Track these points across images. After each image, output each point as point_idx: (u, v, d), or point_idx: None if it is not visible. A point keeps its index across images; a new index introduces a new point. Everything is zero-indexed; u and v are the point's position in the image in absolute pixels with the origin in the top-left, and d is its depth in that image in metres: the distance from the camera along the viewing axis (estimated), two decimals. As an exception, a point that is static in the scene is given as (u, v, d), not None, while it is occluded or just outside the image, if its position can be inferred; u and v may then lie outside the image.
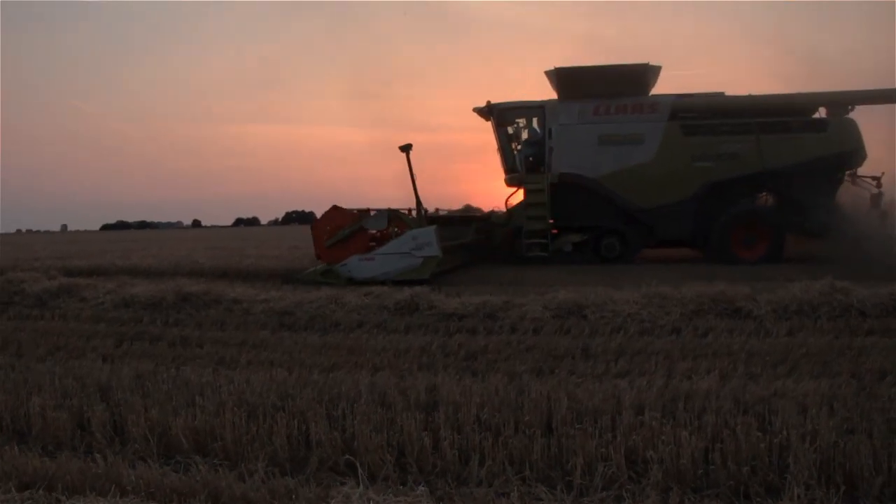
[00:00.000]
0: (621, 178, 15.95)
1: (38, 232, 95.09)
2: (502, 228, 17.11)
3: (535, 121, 16.98)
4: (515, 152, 17.01)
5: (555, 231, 16.62)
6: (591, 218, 16.33)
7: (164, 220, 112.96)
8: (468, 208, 19.77)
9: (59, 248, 26.39)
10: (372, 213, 13.37)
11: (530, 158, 16.72)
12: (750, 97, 16.26)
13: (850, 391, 4.93)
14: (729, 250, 15.51)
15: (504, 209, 17.47)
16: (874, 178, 15.61)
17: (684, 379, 5.37)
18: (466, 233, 16.82)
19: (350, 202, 20.15)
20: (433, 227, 13.00)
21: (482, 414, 4.40)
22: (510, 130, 17.16)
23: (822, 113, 16.12)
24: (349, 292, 9.60)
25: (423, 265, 12.43)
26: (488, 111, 16.79)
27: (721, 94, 16.60)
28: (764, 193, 16.55)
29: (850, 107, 15.83)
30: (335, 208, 13.30)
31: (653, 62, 16.28)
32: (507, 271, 14.01)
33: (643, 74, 16.07)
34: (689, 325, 7.70)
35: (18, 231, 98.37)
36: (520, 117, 17.13)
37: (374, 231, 13.46)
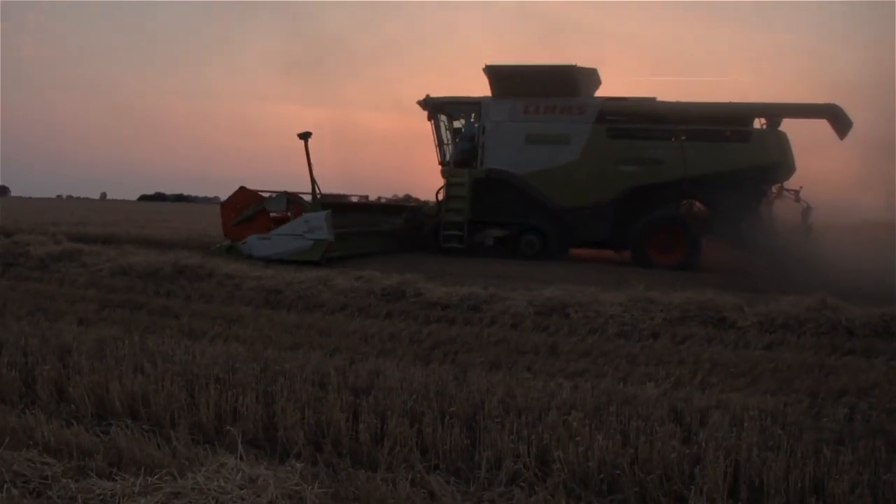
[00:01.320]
0: (546, 177, 16.39)
1: (77, 198, 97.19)
2: (431, 219, 17.62)
3: (472, 116, 17.44)
4: (450, 146, 17.67)
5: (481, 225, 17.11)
6: (515, 214, 16.77)
7: (201, 194, 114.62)
8: (408, 198, 20.37)
9: (86, 215, 27.05)
10: (268, 195, 14.12)
11: (465, 153, 17.22)
12: (678, 104, 16.40)
13: (800, 409, 4.85)
14: (646, 254, 15.79)
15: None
16: (794, 191, 15.77)
17: (635, 384, 5.33)
18: (396, 221, 17.60)
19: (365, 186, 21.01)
20: (325, 213, 13.49)
21: (411, 401, 4.42)
22: (446, 124, 17.71)
23: (762, 124, 16.15)
24: (340, 275, 9.70)
25: (313, 247, 13.11)
26: (425, 104, 17.35)
27: (651, 100, 16.75)
28: (686, 200, 16.57)
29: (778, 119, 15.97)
30: (242, 189, 14.21)
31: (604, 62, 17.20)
32: (508, 265, 14.06)
33: (571, 76, 16.30)
34: (668, 331, 7.62)
35: (59, 196, 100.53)
36: (457, 112, 17.66)
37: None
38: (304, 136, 13.91)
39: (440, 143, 17.62)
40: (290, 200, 13.93)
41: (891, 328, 7.87)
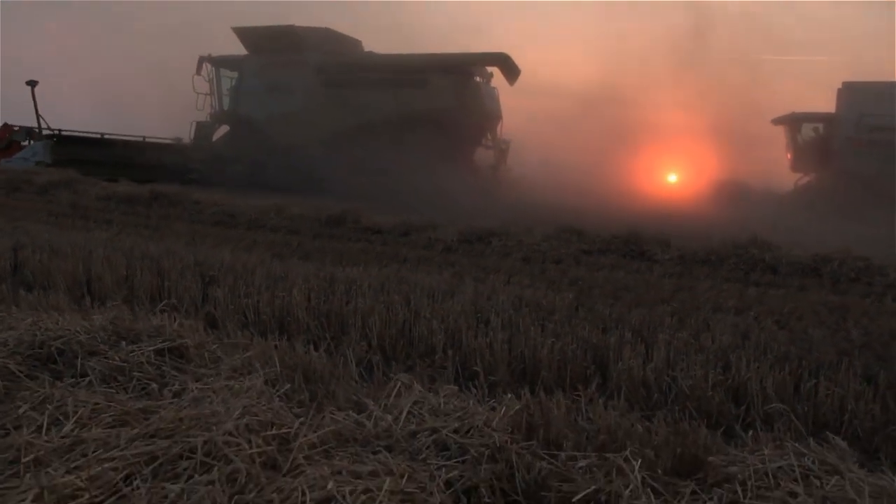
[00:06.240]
0: (277, 122, 20.03)
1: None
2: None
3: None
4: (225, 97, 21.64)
5: None
6: (256, 152, 20.23)
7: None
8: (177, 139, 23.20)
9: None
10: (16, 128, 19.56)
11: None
12: (376, 55, 20.63)
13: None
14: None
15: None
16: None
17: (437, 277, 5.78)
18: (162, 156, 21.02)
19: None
20: (44, 143, 18.70)
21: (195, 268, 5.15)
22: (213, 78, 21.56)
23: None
24: (295, 204, 10.46)
25: (35, 167, 17.13)
26: (209, 61, 21.02)
27: (369, 54, 20.85)
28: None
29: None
30: (4, 125, 19.55)
31: None
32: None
33: (295, 34, 19.90)
34: (575, 259, 7.89)
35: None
36: (231, 67, 21.52)
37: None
38: (31, 84, 18.46)
39: (219, 94, 21.53)
40: (28, 133, 19.13)
41: (819, 268, 7.80)
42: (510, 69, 18.08)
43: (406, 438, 2.10)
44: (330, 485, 1.58)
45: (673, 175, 22.56)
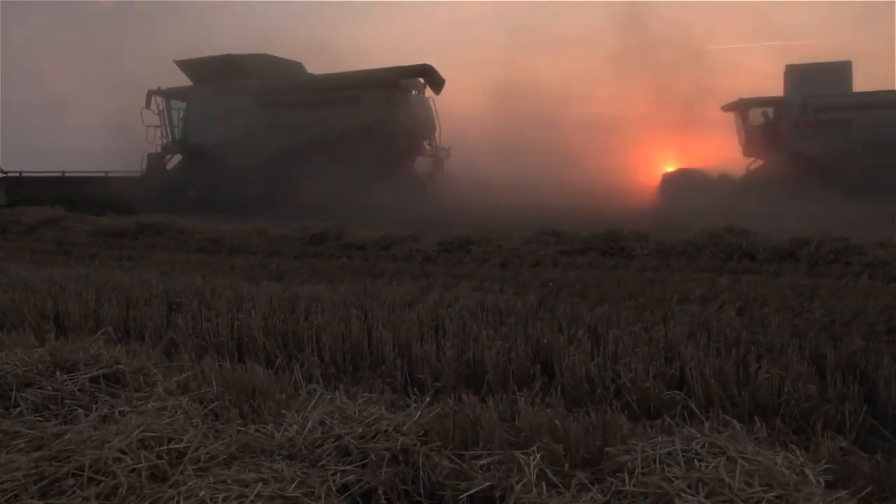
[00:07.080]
0: (225, 146, 20.61)
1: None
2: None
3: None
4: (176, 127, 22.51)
5: None
6: (208, 176, 20.86)
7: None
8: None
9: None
10: None
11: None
12: (311, 76, 21.57)
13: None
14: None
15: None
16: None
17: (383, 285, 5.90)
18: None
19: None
20: None
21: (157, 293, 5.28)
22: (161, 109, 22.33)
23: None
24: (278, 227, 10.61)
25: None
26: (159, 94, 21.89)
27: (310, 76, 21.75)
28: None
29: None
30: None
31: None
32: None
33: (233, 62, 20.66)
34: (553, 260, 7.99)
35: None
36: (180, 98, 22.24)
37: None
38: None
39: (170, 125, 22.45)
40: None
41: (796, 251, 7.88)
42: (434, 79, 18.89)
43: (308, 446, 2.21)
44: (202, 493, 1.69)
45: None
